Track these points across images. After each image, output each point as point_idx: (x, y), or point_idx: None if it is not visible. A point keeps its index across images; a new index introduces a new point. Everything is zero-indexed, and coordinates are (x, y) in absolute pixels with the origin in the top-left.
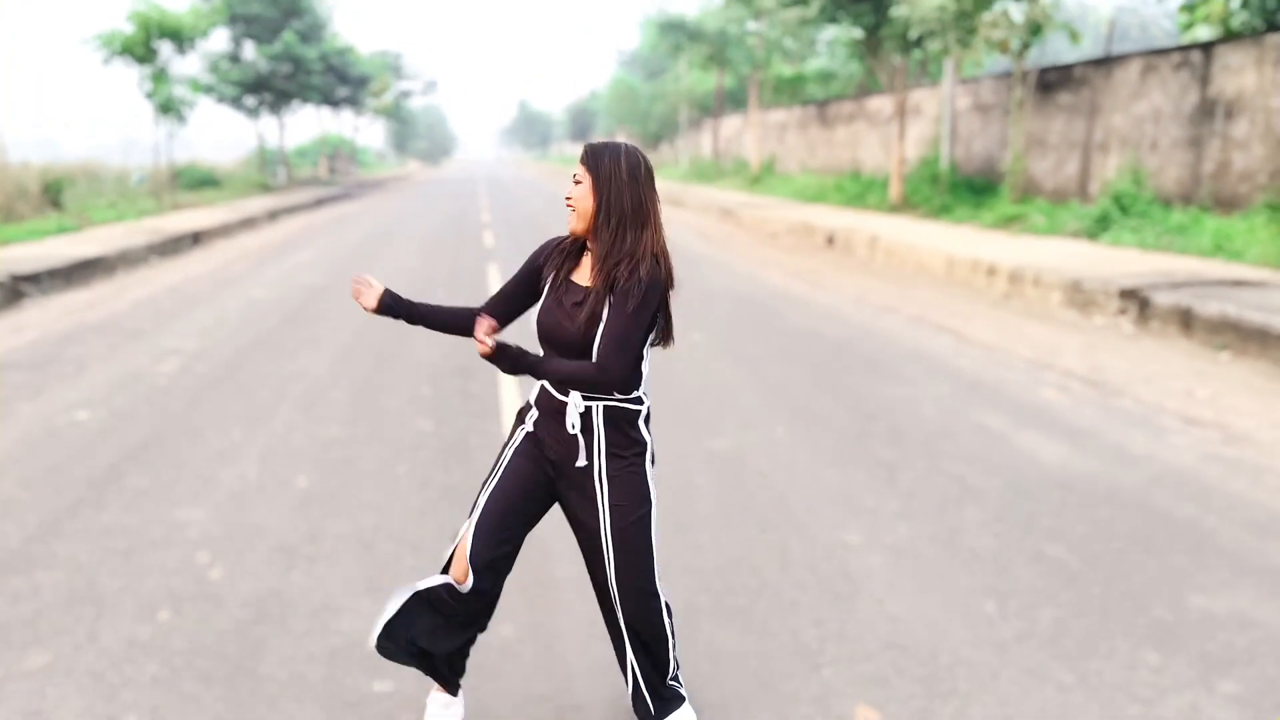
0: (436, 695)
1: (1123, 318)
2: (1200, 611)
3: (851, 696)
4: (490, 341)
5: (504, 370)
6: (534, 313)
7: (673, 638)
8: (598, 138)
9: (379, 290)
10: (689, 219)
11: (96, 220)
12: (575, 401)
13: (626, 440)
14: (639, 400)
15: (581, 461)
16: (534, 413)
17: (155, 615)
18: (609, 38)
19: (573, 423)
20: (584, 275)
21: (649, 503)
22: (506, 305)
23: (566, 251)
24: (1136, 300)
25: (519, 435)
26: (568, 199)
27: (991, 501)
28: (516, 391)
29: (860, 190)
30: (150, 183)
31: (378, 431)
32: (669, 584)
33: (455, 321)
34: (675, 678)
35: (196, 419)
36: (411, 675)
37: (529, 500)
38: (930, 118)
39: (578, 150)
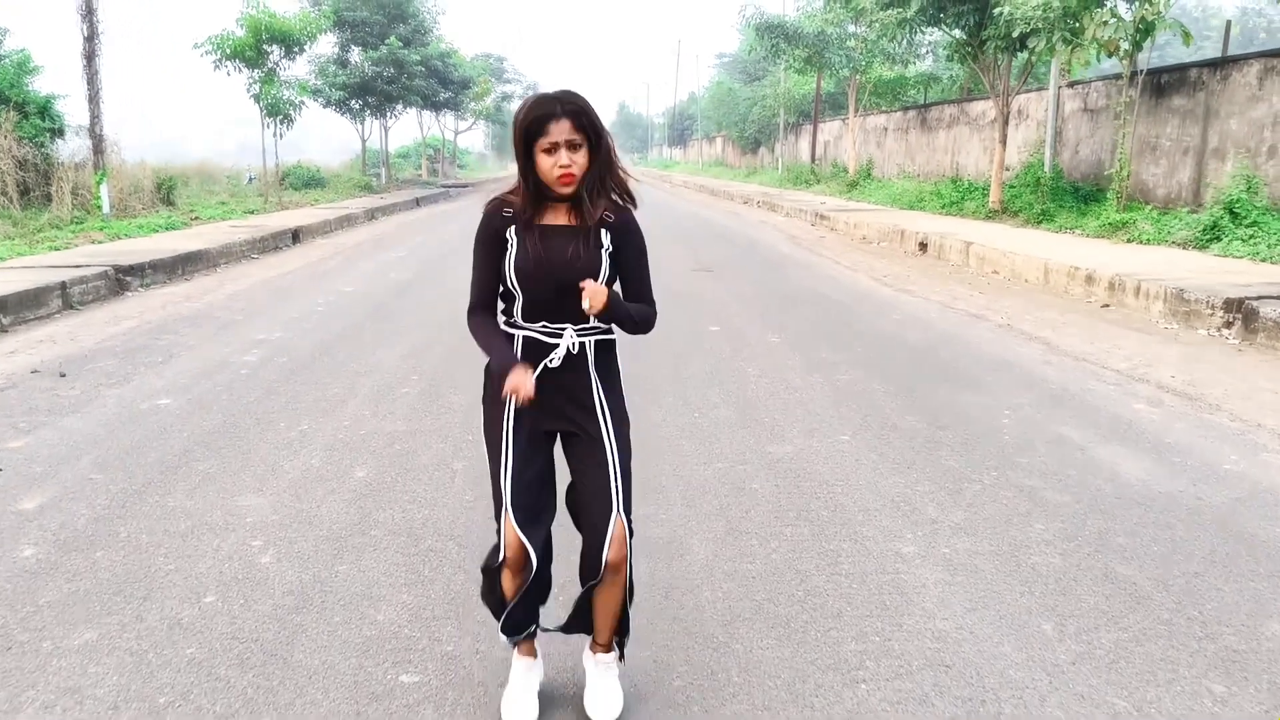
0: (520, 660)
1: (1228, 330)
2: (1278, 641)
3: (886, 715)
4: (604, 293)
5: (605, 320)
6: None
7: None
8: (696, 141)
9: (525, 373)
10: (780, 222)
11: (204, 217)
12: (568, 337)
13: (611, 368)
14: (612, 330)
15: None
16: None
17: (202, 599)
18: (709, 41)
19: (570, 344)
20: (560, 217)
21: (628, 425)
22: (494, 284)
23: (516, 205)
24: (1243, 311)
25: (509, 416)
26: (568, 170)
27: (1062, 517)
28: None
29: (959, 196)
30: (259, 183)
31: (440, 427)
32: (712, 589)
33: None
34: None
35: (270, 409)
36: (439, 667)
37: (548, 470)
38: (1036, 122)
39: (677, 154)
